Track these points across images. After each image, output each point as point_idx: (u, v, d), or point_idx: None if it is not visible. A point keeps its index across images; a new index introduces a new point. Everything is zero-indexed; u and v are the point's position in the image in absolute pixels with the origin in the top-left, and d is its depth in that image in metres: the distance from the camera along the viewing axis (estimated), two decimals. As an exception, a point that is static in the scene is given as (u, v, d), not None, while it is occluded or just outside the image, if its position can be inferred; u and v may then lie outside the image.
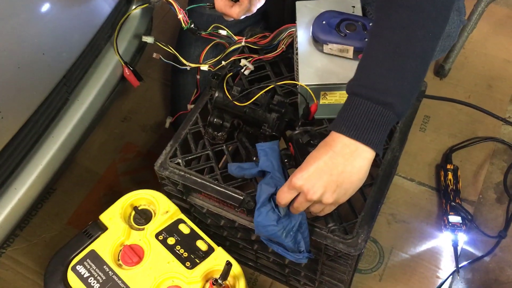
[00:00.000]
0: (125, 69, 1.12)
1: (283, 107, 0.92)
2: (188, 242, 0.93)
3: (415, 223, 1.23)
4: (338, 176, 0.73)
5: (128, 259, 0.91)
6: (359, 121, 0.72)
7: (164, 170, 0.96)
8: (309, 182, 0.74)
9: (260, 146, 0.85)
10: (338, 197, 0.75)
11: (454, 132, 1.36)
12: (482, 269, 1.17)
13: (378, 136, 0.72)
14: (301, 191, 0.75)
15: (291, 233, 0.82)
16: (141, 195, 0.97)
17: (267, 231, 0.82)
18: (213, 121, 0.97)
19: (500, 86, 1.44)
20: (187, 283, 0.89)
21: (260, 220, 0.82)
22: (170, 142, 0.99)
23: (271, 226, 0.81)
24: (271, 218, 0.81)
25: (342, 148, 0.72)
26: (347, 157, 0.72)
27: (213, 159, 0.97)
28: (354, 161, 0.72)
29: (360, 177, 0.74)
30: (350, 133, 0.72)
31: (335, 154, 0.73)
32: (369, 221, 0.88)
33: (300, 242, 0.84)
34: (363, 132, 0.72)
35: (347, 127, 0.72)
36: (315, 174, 0.74)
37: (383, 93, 0.72)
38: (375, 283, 1.16)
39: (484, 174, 1.29)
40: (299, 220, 0.82)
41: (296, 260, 0.86)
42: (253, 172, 0.86)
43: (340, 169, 0.73)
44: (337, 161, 0.73)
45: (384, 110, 0.72)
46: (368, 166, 0.74)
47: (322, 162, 0.73)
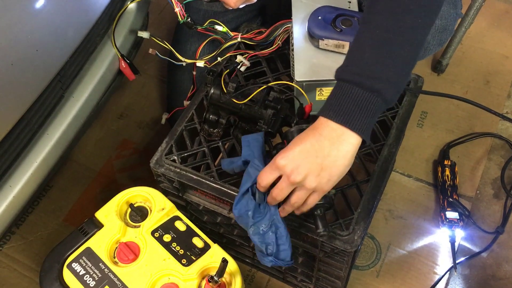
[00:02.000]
0: (122, 62, 1.11)
1: (279, 103, 0.92)
2: (184, 239, 0.93)
3: (412, 219, 1.23)
4: (323, 158, 0.72)
5: (124, 257, 0.90)
6: (347, 107, 0.71)
7: (160, 167, 0.95)
8: (293, 162, 0.73)
9: (244, 138, 0.85)
10: (322, 182, 0.73)
11: (451, 127, 1.36)
12: (480, 265, 1.17)
13: (365, 122, 0.72)
14: (283, 172, 0.74)
15: (261, 230, 0.80)
16: (137, 192, 0.97)
17: (242, 219, 0.81)
18: (209, 117, 0.96)
19: (498, 81, 1.44)
20: (183, 280, 0.89)
21: (237, 210, 0.81)
22: (166, 139, 0.99)
23: (244, 215, 0.80)
24: (245, 207, 0.80)
25: (329, 132, 0.72)
26: (333, 141, 0.72)
27: (209, 156, 0.96)
28: (340, 146, 0.72)
29: (346, 162, 0.73)
30: (337, 118, 0.72)
31: (322, 137, 0.72)
32: (365, 217, 0.88)
33: (270, 245, 0.81)
34: (350, 117, 0.71)
35: (335, 112, 0.72)
36: (300, 155, 0.73)
37: (371, 79, 0.71)
38: (373, 279, 1.16)
39: (482, 170, 1.29)
40: (270, 219, 0.80)
41: (261, 260, 0.83)
42: (239, 164, 0.85)
43: (326, 152, 0.72)
44: (323, 144, 0.72)
45: (371, 96, 0.71)
46: (354, 152, 0.73)
47: (309, 144, 0.73)
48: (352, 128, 0.71)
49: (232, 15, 1.20)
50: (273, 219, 0.81)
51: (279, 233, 0.81)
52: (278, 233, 0.81)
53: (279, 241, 0.81)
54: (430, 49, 1.01)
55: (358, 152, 0.94)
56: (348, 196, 0.90)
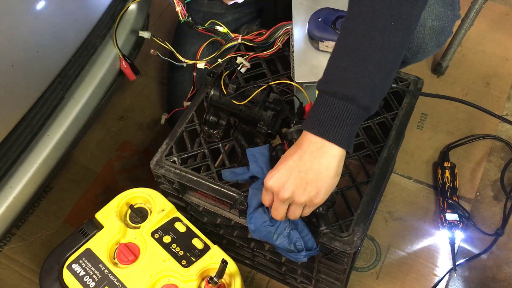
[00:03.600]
0: (123, 62, 1.11)
1: (279, 105, 0.92)
2: (184, 240, 0.93)
3: (412, 221, 1.23)
4: (306, 173, 0.72)
5: (124, 258, 0.91)
6: (324, 118, 0.71)
7: (160, 168, 0.95)
8: (278, 181, 0.74)
9: (249, 151, 0.85)
10: (311, 196, 0.74)
11: (451, 129, 1.36)
12: (479, 267, 1.17)
13: (343, 133, 0.71)
14: (273, 191, 0.75)
15: (284, 233, 0.82)
16: (137, 193, 0.97)
17: (260, 233, 0.83)
18: (209, 119, 0.97)
19: (498, 83, 1.44)
20: (183, 281, 0.89)
21: (252, 224, 0.83)
22: (166, 140, 0.99)
23: (262, 228, 0.82)
24: (261, 220, 0.82)
25: (309, 145, 0.72)
26: (314, 154, 0.72)
27: (209, 157, 0.96)
28: (321, 158, 0.72)
29: (330, 174, 0.72)
30: (315, 130, 0.71)
31: (303, 152, 0.72)
32: (365, 218, 0.88)
33: (297, 242, 0.83)
34: (327, 129, 0.71)
35: (312, 125, 0.72)
36: (284, 173, 0.73)
37: (344, 86, 0.70)
38: (372, 281, 1.16)
39: (482, 172, 1.29)
40: (288, 224, 0.82)
41: (296, 259, 0.85)
42: (245, 178, 0.86)
43: (308, 166, 0.72)
44: (304, 159, 0.72)
45: (347, 105, 0.70)
46: (337, 163, 0.72)
47: (291, 161, 0.73)
48: (330, 140, 0.71)
49: (231, 17, 1.21)
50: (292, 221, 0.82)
51: (300, 227, 0.83)
52: (299, 228, 0.83)
53: (302, 234, 0.83)
54: (428, 50, 1.01)
55: (357, 154, 0.95)
56: (348, 198, 0.90)
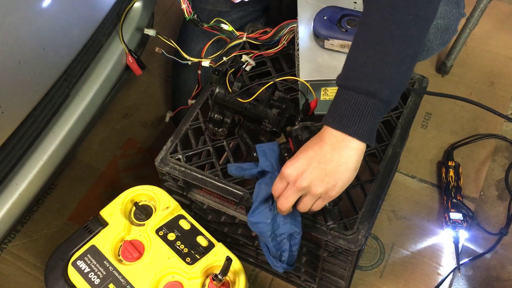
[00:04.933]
0: (129, 57, 1.11)
1: (284, 103, 0.92)
2: (189, 238, 0.93)
3: (416, 220, 1.23)
4: (326, 164, 0.73)
5: (129, 255, 0.91)
6: (344, 113, 0.72)
7: (165, 165, 0.96)
8: (298, 169, 0.74)
9: (259, 147, 0.85)
10: (327, 188, 0.74)
11: (455, 129, 1.36)
12: (483, 266, 1.16)
13: (364, 127, 0.72)
14: (289, 180, 0.75)
15: (278, 239, 0.83)
16: (142, 190, 0.97)
17: (258, 227, 0.83)
18: (214, 116, 0.97)
19: (502, 83, 1.44)
20: (188, 278, 0.89)
21: (254, 217, 0.83)
22: (171, 137, 0.99)
23: (262, 224, 0.82)
24: (265, 216, 0.82)
25: (330, 138, 0.73)
26: (335, 146, 0.73)
27: (214, 155, 0.97)
28: (341, 151, 0.73)
29: (349, 167, 0.74)
30: (335, 124, 0.72)
31: (324, 143, 0.73)
32: (369, 217, 0.88)
33: (284, 252, 0.84)
34: (348, 123, 0.72)
35: (333, 120, 0.73)
36: (304, 162, 0.74)
37: (364, 81, 0.71)
38: (376, 280, 1.16)
39: (486, 171, 1.29)
40: (289, 231, 0.83)
41: (273, 265, 0.86)
42: (253, 173, 0.86)
43: (328, 157, 0.73)
44: (325, 150, 0.73)
45: (367, 99, 0.71)
46: (357, 157, 0.73)
47: (312, 151, 0.74)
48: (350, 134, 0.72)
49: (236, 15, 1.21)
50: (292, 231, 0.82)
51: (294, 241, 0.83)
52: (292, 241, 0.83)
53: (292, 247, 0.84)
54: (433, 48, 1.01)
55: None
56: (352, 196, 0.91)
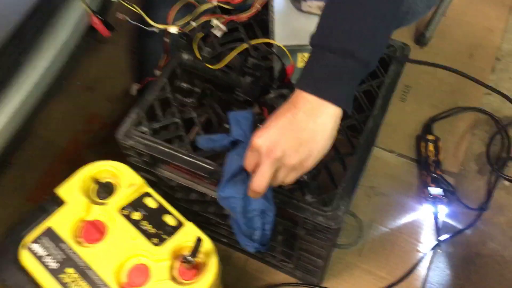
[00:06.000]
0: (93, 18, 1.01)
1: (258, 70, 0.85)
2: (155, 217, 0.86)
3: (395, 196, 1.19)
4: (300, 132, 0.66)
5: (89, 236, 0.83)
6: (320, 76, 0.65)
7: (128, 139, 0.88)
8: (269, 140, 0.67)
9: (232, 115, 0.78)
10: (302, 159, 0.67)
11: (435, 102, 1.32)
12: (464, 243, 1.13)
13: (341, 90, 0.65)
14: (261, 152, 0.67)
15: (249, 215, 0.76)
16: (104, 166, 0.89)
17: (229, 203, 0.76)
18: (182, 86, 0.89)
19: (482, 54, 1.40)
20: (154, 260, 0.82)
21: (224, 191, 0.75)
22: (135, 108, 0.91)
23: (233, 199, 0.75)
24: (236, 190, 0.74)
25: (304, 104, 0.66)
26: (309, 113, 0.66)
27: (182, 128, 0.89)
28: (317, 118, 0.66)
29: (325, 135, 0.67)
30: (310, 88, 0.65)
31: (297, 110, 0.66)
32: (349, 192, 0.82)
33: (256, 231, 0.77)
34: (323, 87, 0.65)
35: (307, 83, 0.66)
36: (276, 131, 0.67)
37: (341, 40, 0.65)
38: (355, 259, 1.11)
39: (465, 145, 1.25)
40: (261, 208, 0.75)
41: (243, 245, 0.79)
42: (224, 143, 0.78)
43: (303, 125, 0.66)
44: (299, 117, 0.66)
45: (345, 60, 0.64)
46: (333, 124, 0.67)
47: (284, 119, 0.67)
48: (326, 98, 0.65)
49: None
50: (265, 207, 0.75)
51: (267, 219, 0.76)
52: (265, 219, 0.76)
53: (265, 226, 0.76)
54: (418, 12, 0.96)
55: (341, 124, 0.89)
56: (331, 170, 0.85)
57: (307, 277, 1.07)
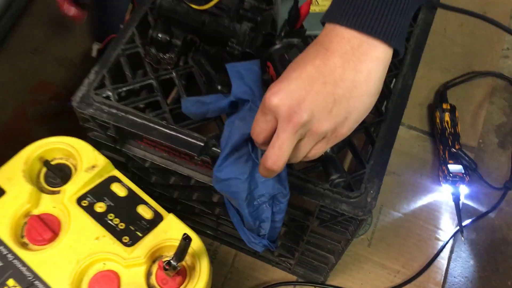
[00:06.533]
0: None
1: (259, 14, 0.65)
2: (126, 209, 0.66)
3: (407, 175, 1.02)
4: (335, 85, 0.46)
5: (37, 236, 0.63)
6: (362, 3, 0.46)
7: (87, 106, 0.67)
8: (290, 97, 0.47)
9: (232, 67, 0.57)
10: (336, 123, 0.48)
11: (447, 66, 1.15)
12: (487, 227, 0.98)
13: (394, 22, 0.46)
14: (279, 114, 0.48)
15: (255, 202, 0.58)
16: (55, 144, 0.68)
17: (229, 186, 0.57)
18: (158, 37, 0.68)
19: (496, 12, 1.24)
20: (126, 266, 0.62)
21: (223, 172, 0.56)
22: (95, 67, 0.70)
23: (235, 181, 0.56)
24: (239, 169, 0.56)
25: (341, 44, 0.46)
26: (348, 56, 0.46)
27: (159, 91, 0.68)
28: (359, 63, 0.46)
29: (369, 89, 0.47)
30: (350, 21, 0.46)
31: (330, 53, 0.46)
32: (380, 172, 0.64)
33: (264, 223, 0.59)
34: (371, 18, 0.46)
35: (345, 12, 0.46)
36: (300, 85, 0.47)
37: None
38: (364, 249, 0.94)
39: (483, 115, 1.10)
40: (272, 192, 0.57)
41: (248, 242, 0.61)
42: (222, 105, 0.58)
43: (338, 74, 0.46)
44: (333, 64, 0.46)
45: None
46: (381, 72, 0.48)
47: (311, 67, 0.47)
48: (375, 34, 0.45)
49: None
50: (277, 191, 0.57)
51: (279, 207, 0.58)
52: (276, 208, 0.58)
53: (276, 217, 0.58)
54: None
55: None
56: (356, 144, 0.66)
57: (310, 275, 0.89)
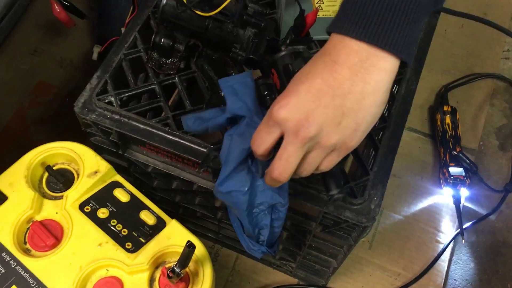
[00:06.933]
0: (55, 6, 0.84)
1: (262, 19, 0.65)
2: (128, 215, 0.65)
3: (408, 178, 1.02)
4: (344, 98, 0.46)
5: (40, 242, 0.62)
6: (371, 13, 0.45)
7: (90, 112, 0.66)
8: (298, 110, 0.46)
9: (224, 82, 0.57)
10: (345, 135, 0.48)
11: (447, 67, 1.15)
12: (488, 230, 0.98)
13: (402, 34, 0.46)
14: (286, 128, 0.47)
15: (255, 211, 0.58)
16: (57, 149, 0.68)
17: (231, 198, 0.57)
18: (160, 42, 0.68)
19: (496, 13, 1.23)
20: (129, 272, 0.62)
21: (224, 186, 0.56)
22: (97, 72, 0.69)
23: (236, 193, 0.56)
24: (241, 182, 0.56)
25: (348, 56, 0.46)
26: (356, 68, 0.46)
27: (162, 97, 0.68)
28: (367, 75, 0.46)
29: (377, 100, 0.47)
30: (359, 32, 0.45)
31: (338, 66, 0.46)
32: (383, 178, 0.64)
33: (263, 230, 0.59)
34: (379, 29, 0.45)
35: (353, 23, 0.46)
36: (308, 98, 0.46)
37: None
38: (364, 252, 0.94)
39: (484, 118, 1.09)
40: (270, 202, 0.57)
41: (247, 248, 0.61)
42: (220, 121, 0.57)
43: (347, 87, 0.46)
44: (342, 77, 0.46)
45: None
46: (389, 82, 0.47)
47: (319, 79, 0.46)
48: (385, 47, 0.45)
49: None
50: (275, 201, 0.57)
51: (278, 215, 0.58)
52: (275, 215, 0.58)
53: (274, 223, 0.58)
54: None
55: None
56: (359, 151, 0.66)
57: (312, 278, 0.89)
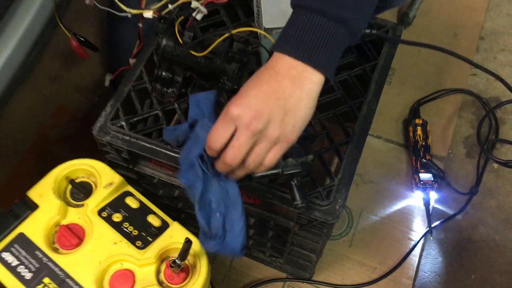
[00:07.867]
0: (72, 42, 0.96)
1: (245, 56, 0.79)
2: (138, 218, 0.79)
3: (384, 183, 1.15)
4: (285, 100, 0.60)
5: (66, 242, 0.76)
6: (307, 39, 0.59)
7: (105, 134, 0.81)
8: (251, 108, 0.59)
9: (192, 97, 0.70)
10: (286, 129, 0.61)
11: (420, 84, 1.28)
12: (455, 228, 1.11)
13: (328, 58, 0.60)
14: (240, 122, 0.60)
15: (207, 208, 0.67)
16: (78, 165, 0.82)
17: (192, 192, 0.66)
18: (162, 74, 0.82)
19: (466, 34, 1.36)
20: (139, 265, 0.76)
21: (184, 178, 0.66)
22: (110, 101, 0.84)
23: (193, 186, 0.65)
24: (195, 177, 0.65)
25: (288, 69, 0.60)
26: (294, 79, 0.60)
27: (163, 120, 0.82)
28: (302, 85, 0.60)
29: (310, 104, 0.61)
30: (296, 53, 0.59)
31: (280, 76, 0.60)
32: (346, 183, 0.78)
33: (219, 227, 0.67)
34: (311, 52, 0.59)
35: (293, 46, 0.60)
36: (258, 99, 0.60)
37: (337, 6, 0.59)
38: (345, 250, 1.07)
39: (453, 128, 1.22)
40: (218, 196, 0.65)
41: (202, 244, 0.69)
42: (184, 129, 0.70)
43: (288, 92, 0.60)
44: (283, 84, 0.60)
45: (336, 27, 0.59)
46: (317, 92, 0.62)
47: (266, 85, 0.60)
48: (314, 65, 0.59)
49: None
50: (226, 196, 0.66)
51: (230, 216, 0.67)
52: (228, 216, 0.67)
53: (227, 225, 0.67)
54: None
55: (334, 111, 0.84)
56: (326, 161, 0.80)
57: (297, 272, 1.02)
